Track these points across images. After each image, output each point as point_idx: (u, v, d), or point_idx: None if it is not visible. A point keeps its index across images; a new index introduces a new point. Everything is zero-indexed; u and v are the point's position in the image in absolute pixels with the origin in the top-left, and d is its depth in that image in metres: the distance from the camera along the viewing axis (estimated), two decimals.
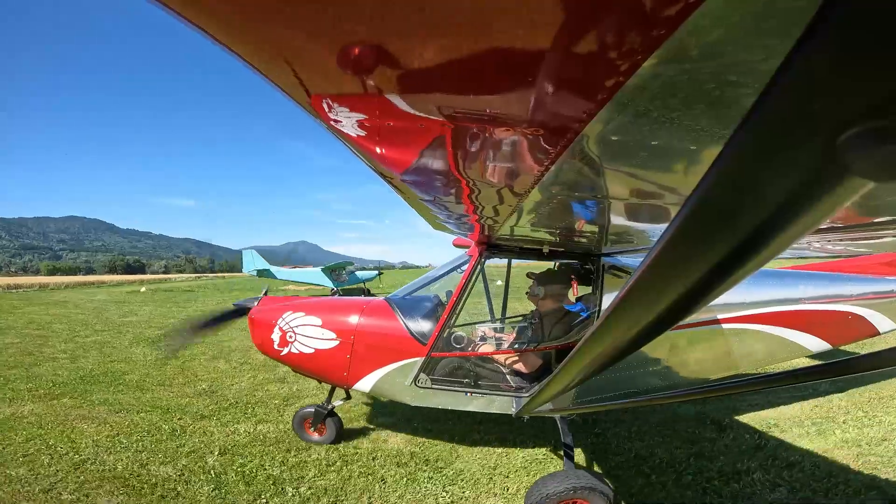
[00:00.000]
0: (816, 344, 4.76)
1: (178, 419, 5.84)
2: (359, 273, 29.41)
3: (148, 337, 12.16)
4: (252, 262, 29.75)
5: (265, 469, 4.50)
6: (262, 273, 29.30)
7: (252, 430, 5.50)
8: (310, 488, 4.14)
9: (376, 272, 30.93)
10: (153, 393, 7.01)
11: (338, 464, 4.63)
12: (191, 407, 6.33)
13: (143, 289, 38.44)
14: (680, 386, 4.46)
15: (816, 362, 1.85)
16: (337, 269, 28.02)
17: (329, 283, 27.48)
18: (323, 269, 28.03)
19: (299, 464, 4.63)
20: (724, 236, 0.62)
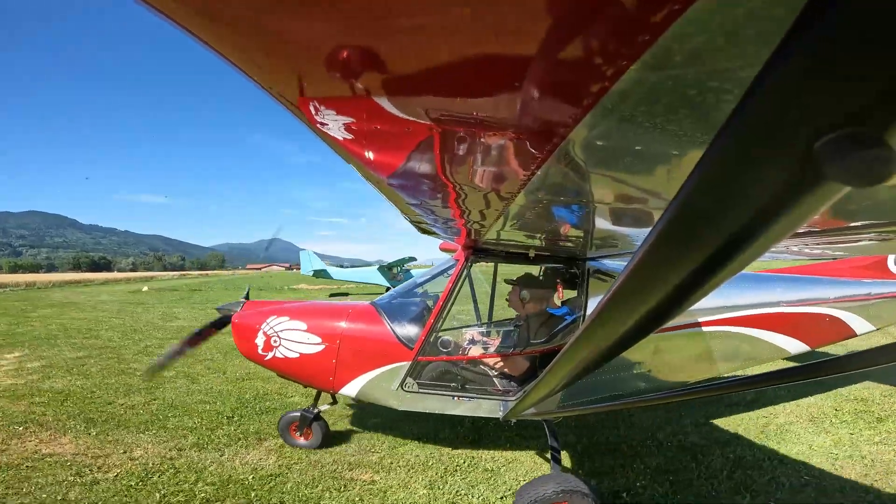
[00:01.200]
0: (795, 346, 4.86)
1: (453, 450, 5.00)
2: (413, 271, 29.38)
3: (232, 345, 10.32)
4: (310, 263, 29.84)
5: None
6: (319, 273, 29.50)
7: (532, 452, 5.05)
8: None
9: None
10: (365, 419, 5.83)
11: None
12: (445, 434, 5.36)
13: (145, 288, 36.74)
14: (664, 388, 4.51)
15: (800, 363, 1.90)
16: (394, 267, 27.95)
17: (385, 282, 27.32)
18: (379, 268, 27.98)
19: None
20: (706, 240, 0.63)
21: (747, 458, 4.80)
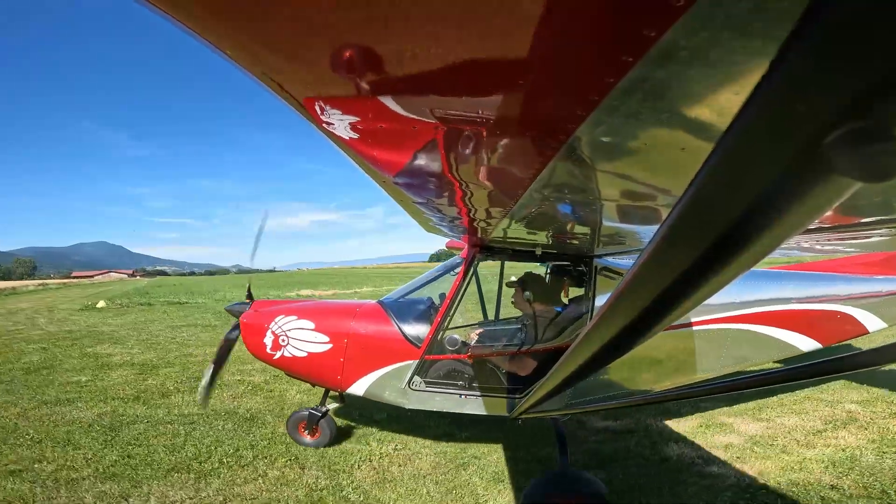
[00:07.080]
0: (807, 343, 4.80)
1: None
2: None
3: None
4: None
5: None
6: None
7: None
8: None
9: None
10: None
11: None
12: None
13: (100, 303, 23.85)
14: (673, 386, 4.48)
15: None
16: None
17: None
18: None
19: None
20: (715, 236, 0.62)
21: None
